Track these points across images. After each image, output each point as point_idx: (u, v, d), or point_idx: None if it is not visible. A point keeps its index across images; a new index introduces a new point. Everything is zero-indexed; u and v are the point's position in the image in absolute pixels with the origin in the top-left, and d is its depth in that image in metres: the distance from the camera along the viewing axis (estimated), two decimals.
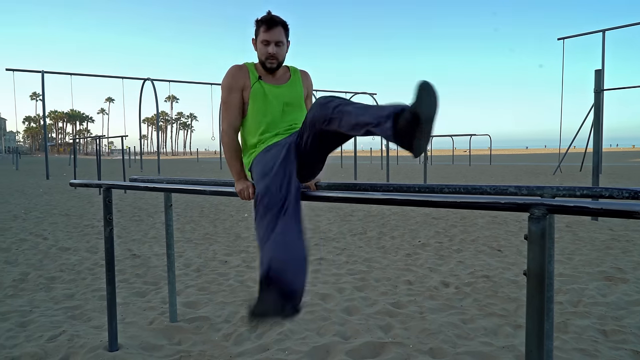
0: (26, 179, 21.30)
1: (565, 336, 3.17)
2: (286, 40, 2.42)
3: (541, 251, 1.50)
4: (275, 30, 2.33)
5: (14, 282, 4.65)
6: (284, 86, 2.47)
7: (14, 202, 11.61)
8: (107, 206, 3.03)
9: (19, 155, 35.46)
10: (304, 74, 2.60)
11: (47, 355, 3.00)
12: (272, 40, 2.33)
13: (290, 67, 2.59)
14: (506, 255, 5.50)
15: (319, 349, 3.04)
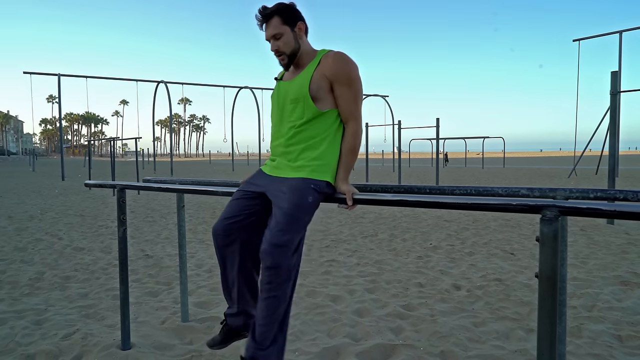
0: (42, 180, 21.67)
1: (579, 341, 3.13)
2: (289, 27, 2.07)
3: (553, 253, 1.49)
4: (269, 25, 2.07)
5: (30, 280, 4.74)
6: (295, 79, 2.13)
7: (30, 203, 11.82)
8: (121, 207, 3.07)
9: (35, 157, 36.08)
10: (325, 58, 2.09)
11: (62, 353, 3.04)
12: (269, 36, 2.08)
13: (319, 52, 2.15)
14: (519, 259, 5.44)
15: (329, 350, 3.04)
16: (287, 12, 2.07)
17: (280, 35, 2.06)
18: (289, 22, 2.08)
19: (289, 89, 2.13)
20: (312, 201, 2.00)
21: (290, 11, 2.08)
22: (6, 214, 9.71)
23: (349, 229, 7.53)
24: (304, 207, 1.96)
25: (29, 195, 13.80)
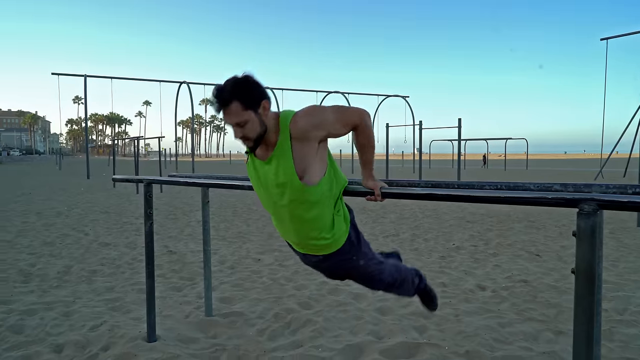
0: (68, 178, 22.21)
1: (611, 344, 3.03)
2: (252, 111, 1.78)
3: (591, 249, 1.44)
4: (228, 112, 1.77)
5: (58, 274, 4.85)
6: (273, 160, 1.87)
7: (57, 200, 12.12)
8: (147, 201, 3.11)
9: (62, 156, 37.04)
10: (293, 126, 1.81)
11: (89, 344, 3.10)
12: (230, 123, 1.80)
13: (281, 123, 1.84)
14: (545, 260, 5.32)
15: (352, 348, 3.03)
16: (248, 94, 1.77)
17: (244, 122, 1.78)
18: (252, 106, 1.78)
19: (268, 172, 1.91)
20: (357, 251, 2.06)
21: (252, 91, 1.78)
22: (35, 210, 9.98)
23: (370, 229, 7.49)
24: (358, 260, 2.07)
25: (56, 193, 14.16)
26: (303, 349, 3.02)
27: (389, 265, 2.16)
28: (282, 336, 3.27)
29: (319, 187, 1.88)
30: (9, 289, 4.33)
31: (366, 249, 2.10)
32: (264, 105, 1.81)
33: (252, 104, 1.78)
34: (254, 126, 1.80)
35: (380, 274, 2.12)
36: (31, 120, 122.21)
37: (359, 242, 2.05)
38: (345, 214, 2.04)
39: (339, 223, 1.98)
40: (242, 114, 1.77)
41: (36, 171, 30.50)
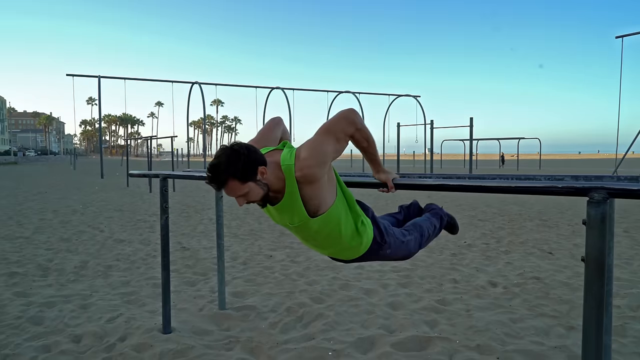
0: (83, 177, 22.54)
1: (623, 340, 3.03)
2: (251, 182, 1.73)
3: (601, 236, 1.47)
4: (227, 189, 1.74)
5: (75, 268, 4.96)
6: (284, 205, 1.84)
7: (72, 198, 12.33)
8: (163, 195, 3.18)
9: (76, 156, 37.62)
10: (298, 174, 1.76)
11: (107, 335, 3.18)
12: (232, 196, 1.77)
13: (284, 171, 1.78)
14: (558, 258, 5.29)
15: (364, 340, 3.06)
16: (243, 169, 1.69)
17: (245, 194, 1.74)
18: (249, 177, 1.71)
19: (283, 217, 1.90)
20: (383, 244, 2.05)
21: (246, 165, 1.70)
22: (51, 208, 10.17)
23: None
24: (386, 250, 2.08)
25: (70, 192, 14.39)
26: (315, 341, 3.06)
27: (413, 238, 2.18)
28: (294, 329, 3.31)
29: (335, 209, 1.87)
30: (28, 282, 4.44)
31: (391, 239, 2.09)
32: (261, 172, 1.74)
33: (249, 177, 1.71)
34: (256, 193, 1.76)
35: (407, 249, 2.16)
36: (46, 122, 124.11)
37: (384, 236, 2.06)
38: (365, 219, 2.03)
39: (363, 231, 1.98)
40: (241, 188, 1.72)
41: (51, 171, 30.99)
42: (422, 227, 2.30)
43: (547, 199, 11.71)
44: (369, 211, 2.11)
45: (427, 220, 2.34)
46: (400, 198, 11.19)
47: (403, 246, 2.16)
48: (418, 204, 2.65)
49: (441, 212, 2.51)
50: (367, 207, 2.13)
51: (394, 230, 2.16)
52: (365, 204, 2.15)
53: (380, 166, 2.06)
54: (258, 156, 1.75)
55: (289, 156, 1.80)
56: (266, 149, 1.97)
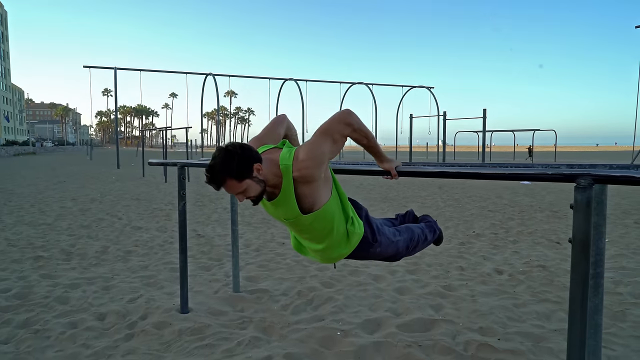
0: (99, 167, 23.01)
1: (622, 324, 3.13)
2: (247, 179, 1.81)
3: (586, 219, 1.58)
4: (226, 187, 1.83)
5: (96, 253, 5.19)
6: (280, 201, 1.93)
7: (90, 187, 12.66)
8: (181, 182, 3.35)
9: (92, 147, 38.32)
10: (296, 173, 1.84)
11: (129, 313, 3.38)
12: (232, 193, 1.88)
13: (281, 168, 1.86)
14: (565, 248, 5.37)
15: (371, 322, 3.21)
16: (239, 168, 1.78)
17: (244, 190, 1.84)
18: (246, 175, 1.81)
19: (277, 211, 1.99)
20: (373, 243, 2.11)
21: (241, 163, 1.79)
22: (70, 196, 10.49)
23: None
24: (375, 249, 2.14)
25: (88, 181, 14.76)
26: (324, 322, 3.22)
27: (403, 239, 2.27)
28: (304, 311, 3.48)
29: (329, 206, 1.95)
30: (53, 265, 4.68)
31: (382, 238, 2.19)
32: (256, 168, 1.82)
33: (245, 174, 1.80)
34: (253, 188, 1.84)
35: (396, 249, 2.25)
36: (62, 113, 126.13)
37: (375, 235, 2.15)
38: (357, 218, 2.09)
39: (354, 230, 2.07)
40: (239, 186, 1.81)
41: (68, 161, 31.64)
42: (414, 232, 2.37)
43: (559, 191, 11.69)
44: (362, 210, 2.17)
45: (419, 228, 2.42)
46: (397, 206, 11.32)
47: (392, 245, 2.23)
48: (414, 213, 2.75)
49: (435, 226, 2.60)
50: (360, 206, 2.19)
51: (386, 230, 2.24)
52: (359, 203, 2.20)
53: (383, 156, 2.13)
54: (252, 154, 1.85)
55: (288, 156, 1.88)
56: (266, 147, 2.05)
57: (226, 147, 1.83)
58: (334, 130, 1.89)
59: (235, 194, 1.87)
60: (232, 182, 1.81)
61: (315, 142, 1.87)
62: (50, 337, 2.99)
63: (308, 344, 2.90)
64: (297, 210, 1.91)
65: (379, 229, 2.18)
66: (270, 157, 1.92)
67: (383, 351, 2.78)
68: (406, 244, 2.28)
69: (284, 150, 1.94)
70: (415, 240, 2.33)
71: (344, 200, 2.06)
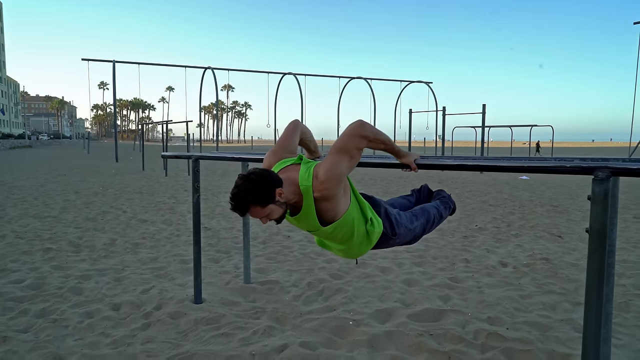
0: (98, 161, 22.96)
1: (627, 314, 3.22)
2: (271, 204, 1.86)
3: (603, 211, 1.65)
4: (251, 213, 1.89)
5: (105, 245, 5.24)
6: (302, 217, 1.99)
7: (91, 181, 12.67)
8: (195, 175, 3.41)
9: (89, 140, 38.20)
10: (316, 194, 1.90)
11: (143, 304, 3.44)
12: (256, 218, 1.92)
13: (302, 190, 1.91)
14: (567, 242, 5.46)
15: (382, 312, 3.29)
16: (262, 195, 1.83)
17: (267, 215, 1.89)
18: (269, 201, 1.85)
19: (299, 223, 2.05)
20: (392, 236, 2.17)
21: (264, 190, 1.84)
22: (72, 189, 10.51)
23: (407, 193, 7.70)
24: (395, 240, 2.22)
25: (89, 175, 14.76)
26: (336, 312, 3.29)
27: (420, 224, 2.34)
28: (315, 302, 3.55)
29: (348, 214, 2.00)
30: (63, 257, 4.72)
31: (401, 229, 2.24)
32: (278, 193, 1.87)
33: (268, 200, 1.85)
34: (276, 212, 1.90)
35: (413, 235, 2.33)
36: (58, 106, 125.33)
37: (394, 229, 2.21)
38: (375, 218, 2.12)
39: (373, 230, 2.13)
40: (262, 211, 1.86)
41: (66, 154, 31.53)
42: (430, 213, 2.44)
43: (559, 186, 11.80)
44: (380, 207, 2.20)
45: (435, 207, 2.48)
46: (411, 182, 11.40)
47: (410, 233, 2.31)
48: (428, 187, 2.81)
49: (450, 201, 2.65)
50: (378, 202, 2.22)
51: (404, 218, 2.29)
52: (376, 199, 2.23)
53: (401, 152, 2.16)
54: (273, 179, 1.88)
55: (307, 175, 1.92)
56: (283, 163, 2.08)
57: (248, 175, 1.87)
58: (351, 146, 1.92)
59: (259, 218, 1.91)
60: (256, 208, 1.86)
61: (333, 161, 1.90)
62: (69, 326, 3.05)
63: (322, 333, 2.97)
64: (319, 224, 1.97)
65: (398, 222, 2.24)
66: (290, 177, 1.96)
67: (396, 340, 2.85)
68: (423, 227, 2.35)
69: (302, 170, 1.96)
70: (431, 221, 2.39)
71: (362, 203, 2.10)
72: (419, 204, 2.65)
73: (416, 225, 2.31)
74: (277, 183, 1.89)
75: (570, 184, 12.60)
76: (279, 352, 2.68)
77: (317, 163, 1.98)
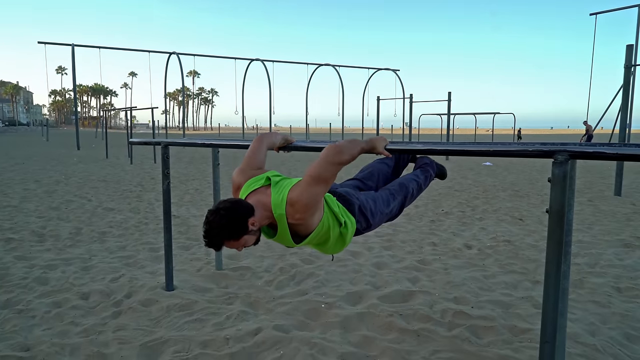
0: (58, 149, 22.08)
1: (581, 291, 3.43)
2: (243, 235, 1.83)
3: (562, 192, 1.75)
4: (226, 246, 1.88)
5: (70, 234, 5.11)
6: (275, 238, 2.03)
7: (52, 169, 12.21)
8: (165, 162, 3.36)
9: (47, 128, 36.64)
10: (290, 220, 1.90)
11: (113, 292, 3.40)
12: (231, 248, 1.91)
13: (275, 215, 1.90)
14: (527, 224, 5.71)
15: (353, 295, 3.37)
16: (234, 229, 1.81)
17: (241, 244, 1.87)
18: (241, 232, 1.83)
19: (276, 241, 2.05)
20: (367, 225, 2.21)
21: (235, 225, 1.81)
22: (32, 178, 10.11)
23: None
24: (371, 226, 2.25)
25: (49, 163, 14.21)
26: (308, 295, 3.35)
27: (397, 202, 2.35)
28: (288, 286, 3.59)
29: (322, 225, 1.99)
30: (27, 247, 4.58)
31: (375, 218, 2.25)
32: (251, 223, 1.84)
33: (241, 232, 1.82)
34: (251, 240, 1.88)
35: (390, 215, 2.36)
36: (12, 91, 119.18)
37: (368, 221, 2.23)
38: (349, 219, 2.12)
39: (346, 233, 2.12)
40: (237, 243, 1.85)
41: (23, 142, 30.15)
42: (408, 189, 2.45)
43: (519, 172, 12.25)
44: (354, 205, 2.18)
45: (413, 180, 2.48)
46: None
47: (386, 217, 2.35)
48: None
49: (431, 169, 2.62)
50: (352, 202, 2.19)
51: (380, 203, 2.30)
52: (351, 198, 2.20)
53: (371, 146, 2.13)
54: (244, 210, 1.84)
55: (280, 201, 1.89)
56: (252, 184, 2.04)
57: (218, 210, 1.82)
58: (328, 175, 1.89)
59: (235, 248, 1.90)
60: (231, 242, 1.84)
61: (309, 192, 1.86)
62: (36, 316, 2.98)
63: (295, 316, 3.02)
64: (294, 242, 1.99)
65: (373, 213, 2.23)
66: (261, 201, 1.93)
67: (367, 321, 2.94)
68: (400, 204, 2.36)
69: (274, 195, 1.93)
70: (409, 196, 2.39)
71: (335, 210, 2.06)
72: (397, 167, 2.63)
73: (393, 205, 2.33)
74: (248, 212, 1.85)
75: (530, 169, 13.10)
76: (253, 335, 2.72)
77: (290, 186, 1.92)
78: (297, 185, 1.90)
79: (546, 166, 14.10)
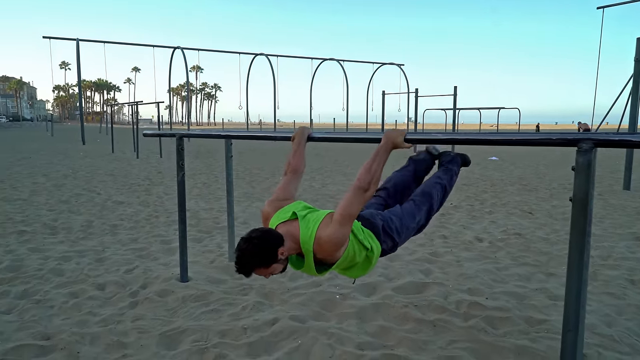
0: (63, 144, 22.17)
1: (595, 283, 3.42)
2: (273, 263, 1.89)
3: (586, 180, 1.75)
4: (256, 273, 1.92)
5: (82, 227, 5.14)
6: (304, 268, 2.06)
7: (59, 164, 12.27)
8: (179, 153, 3.37)
9: (52, 122, 36.76)
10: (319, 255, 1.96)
11: (128, 283, 3.42)
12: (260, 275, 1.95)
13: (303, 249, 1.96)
14: (537, 218, 5.70)
15: (367, 286, 3.38)
16: (264, 257, 1.86)
17: (270, 272, 1.93)
18: (271, 260, 1.89)
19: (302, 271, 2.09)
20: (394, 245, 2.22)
21: (266, 252, 1.86)
22: (40, 172, 10.16)
23: None
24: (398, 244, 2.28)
25: (56, 157, 14.27)
26: (322, 287, 3.36)
27: (424, 213, 2.34)
28: (301, 278, 3.60)
29: (347, 252, 2.01)
30: (40, 239, 4.61)
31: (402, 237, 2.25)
32: (280, 252, 1.89)
33: (271, 261, 1.88)
34: (279, 268, 1.94)
35: (417, 227, 2.34)
36: (17, 86, 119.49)
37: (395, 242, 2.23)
38: (375, 244, 2.12)
39: (372, 257, 2.12)
40: (266, 270, 1.90)
41: (28, 137, 30.28)
42: (432, 195, 2.41)
43: (526, 166, 12.22)
44: (379, 228, 2.18)
45: (437, 184, 2.44)
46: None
47: (413, 230, 2.34)
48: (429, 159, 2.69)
49: (454, 165, 2.55)
50: (376, 224, 2.18)
51: (406, 219, 2.28)
52: (375, 221, 2.19)
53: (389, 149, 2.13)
54: (275, 240, 1.90)
55: (309, 237, 1.94)
56: (281, 214, 2.08)
57: (250, 239, 1.87)
58: (355, 211, 1.96)
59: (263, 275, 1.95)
60: (260, 270, 1.89)
61: (339, 231, 1.91)
62: (54, 306, 3.01)
63: (310, 307, 3.04)
64: (318, 273, 2.04)
65: (399, 231, 2.23)
66: (290, 232, 1.98)
67: (382, 311, 2.96)
68: (427, 213, 2.35)
69: (302, 229, 1.97)
70: (435, 201, 2.41)
71: (360, 237, 2.06)
72: (417, 171, 2.61)
73: (419, 217, 2.31)
74: (278, 242, 1.91)
75: (537, 163, 13.06)
76: (270, 325, 2.74)
77: (317, 222, 1.97)
78: (325, 225, 1.94)
79: (553, 160, 14.01)
